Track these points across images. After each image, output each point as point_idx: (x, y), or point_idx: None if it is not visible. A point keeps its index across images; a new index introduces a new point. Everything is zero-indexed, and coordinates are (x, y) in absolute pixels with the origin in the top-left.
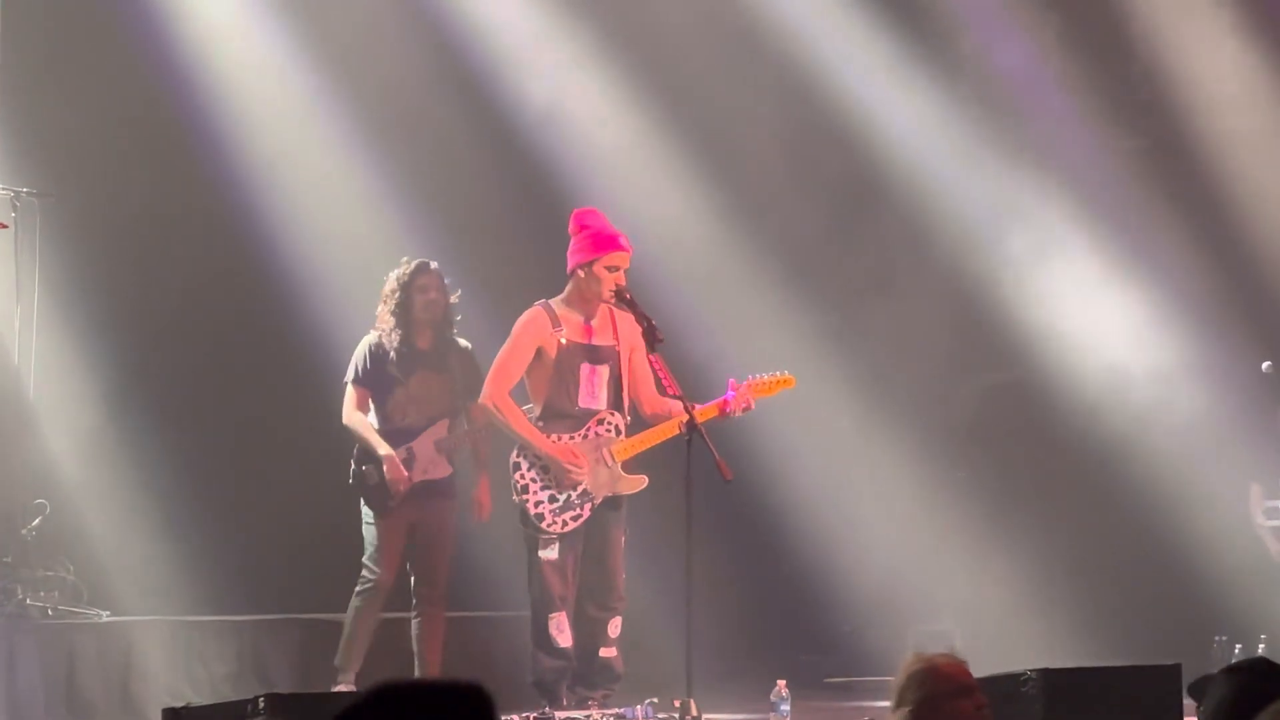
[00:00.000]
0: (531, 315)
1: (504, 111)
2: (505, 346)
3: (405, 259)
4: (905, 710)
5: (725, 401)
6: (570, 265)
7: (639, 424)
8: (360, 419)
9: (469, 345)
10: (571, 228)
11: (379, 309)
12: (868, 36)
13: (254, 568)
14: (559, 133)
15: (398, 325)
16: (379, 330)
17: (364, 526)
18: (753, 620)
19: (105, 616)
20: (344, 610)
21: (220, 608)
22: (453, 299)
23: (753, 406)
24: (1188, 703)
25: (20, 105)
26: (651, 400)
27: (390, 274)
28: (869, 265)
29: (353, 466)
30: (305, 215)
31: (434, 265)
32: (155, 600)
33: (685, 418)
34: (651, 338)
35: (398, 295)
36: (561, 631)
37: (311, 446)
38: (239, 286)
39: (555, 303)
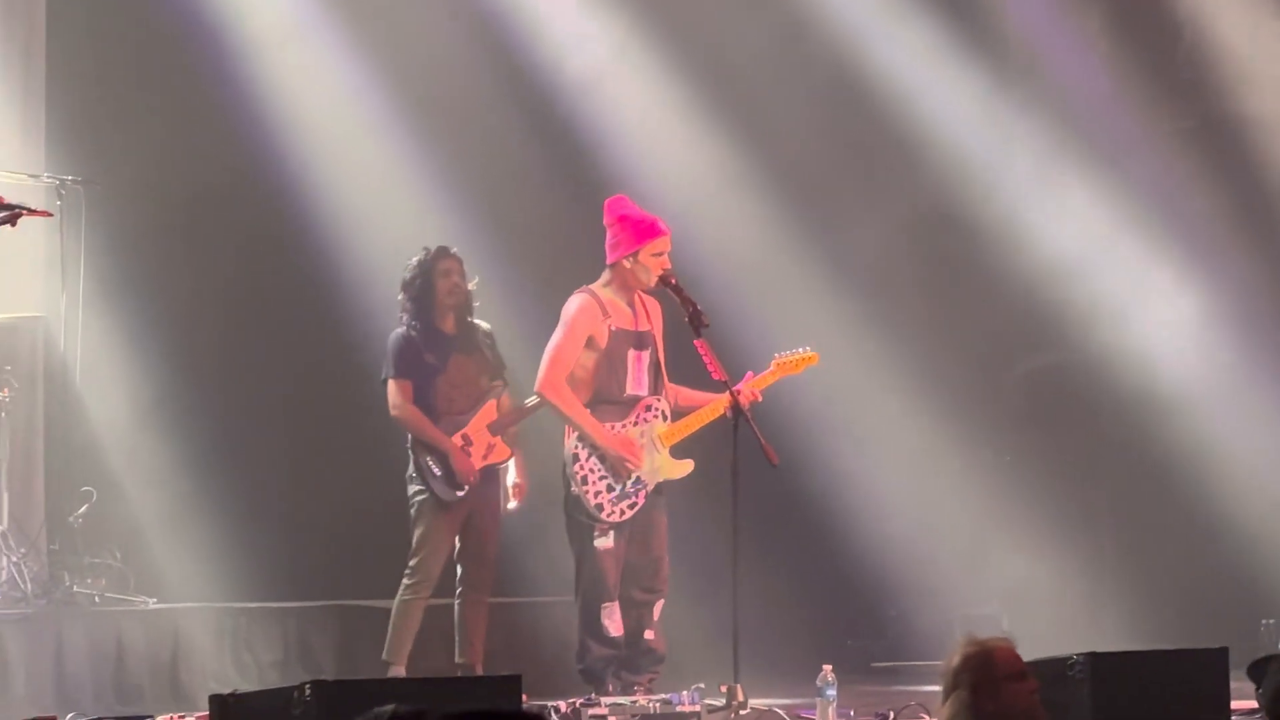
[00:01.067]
0: (584, 303)
1: (540, 94)
2: (560, 334)
3: (424, 247)
4: (962, 693)
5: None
6: (613, 256)
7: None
8: (413, 412)
9: (489, 327)
10: (607, 218)
11: (400, 298)
12: (912, 17)
13: (299, 554)
14: (593, 116)
15: (421, 312)
16: (404, 320)
17: (416, 520)
18: (799, 605)
19: (152, 603)
20: (388, 596)
21: (266, 594)
22: (471, 285)
23: (759, 399)
24: (1235, 686)
25: (65, 94)
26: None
27: (410, 261)
28: (914, 249)
29: (412, 459)
30: (350, 201)
31: (454, 250)
32: (201, 587)
33: (725, 399)
34: (697, 322)
35: (419, 281)
36: (613, 620)
37: (356, 433)
38: (284, 272)
39: (598, 289)
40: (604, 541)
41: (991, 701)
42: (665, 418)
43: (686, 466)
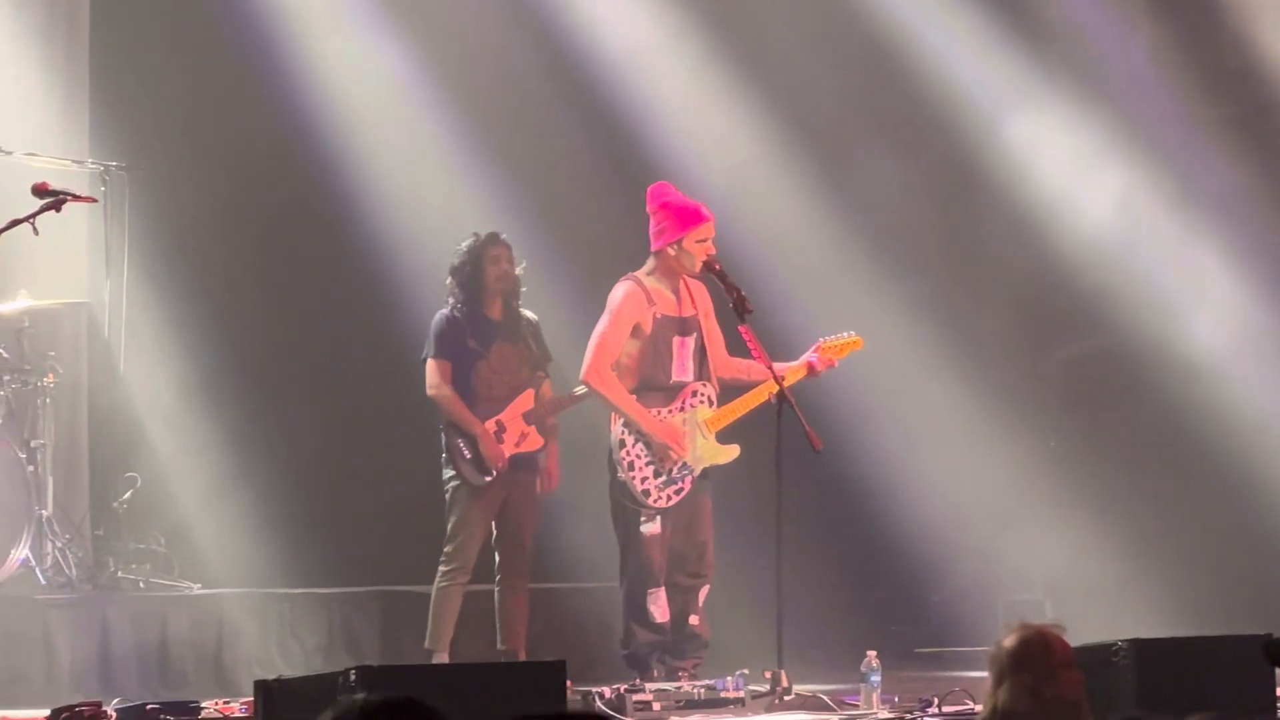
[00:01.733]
0: (630, 291)
1: (585, 78)
2: (606, 322)
3: (474, 232)
4: (1025, 677)
5: (810, 364)
6: (658, 244)
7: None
8: (449, 394)
9: (536, 318)
10: (650, 206)
11: (448, 282)
12: (955, 1)
13: (343, 540)
14: (637, 101)
15: (469, 297)
16: (451, 304)
17: (451, 506)
18: (842, 591)
19: (196, 589)
20: (426, 582)
21: (310, 580)
22: (518, 270)
23: (835, 364)
24: None
25: (110, 80)
26: (725, 363)
27: (459, 246)
28: (959, 233)
29: (444, 441)
30: (393, 185)
31: (503, 236)
32: (245, 573)
33: (766, 380)
34: (741, 308)
35: (469, 267)
36: (659, 606)
37: (401, 417)
38: (328, 256)
39: (643, 277)
40: (650, 527)
41: (1051, 687)
42: (710, 403)
43: (732, 452)
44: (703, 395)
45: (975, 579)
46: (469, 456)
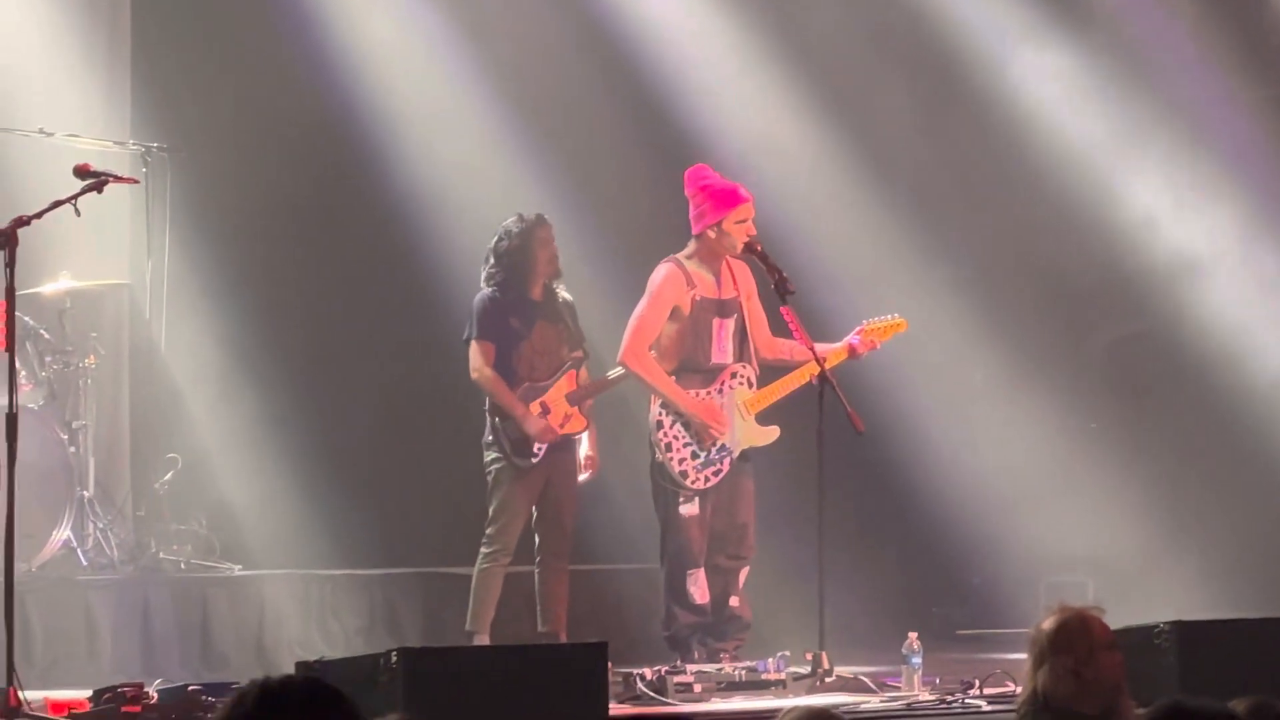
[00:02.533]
0: (670, 273)
1: (625, 60)
2: (645, 304)
3: (519, 213)
4: (1066, 659)
5: (852, 346)
6: (698, 227)
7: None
8: (492, 376)
9: (571, 297)
10: (688, 189)
11: (489, 261)
12: None
13: (384, 521)
14: (678, 83)
15: (515, 278)
16: (492, 285)
17: (493, 488)
18: (884, 573)
19: (237, 570)
20: (467, 564)
21: (351, 562)
22: None
23: (878, 346)
24: None
25: (151, 61)
26: (768, 344)
27: (504, 226)
28: (1000, 217)
29: (489, 422)
30: (435, 166)
31: (548, 219)
32: (286, 554)
33: (809, 361)
34: (783, 289)
35: (519, 250)
36: (699, 587)
37: (442, 399)
38: (370, 238)
39: (683, 259)
40: (689, 508)
41: (1091, 669)
42: (750, 385)
43: (772, 433)
44: (742, 377)
45: (1017, 561)
46: (513, 439)
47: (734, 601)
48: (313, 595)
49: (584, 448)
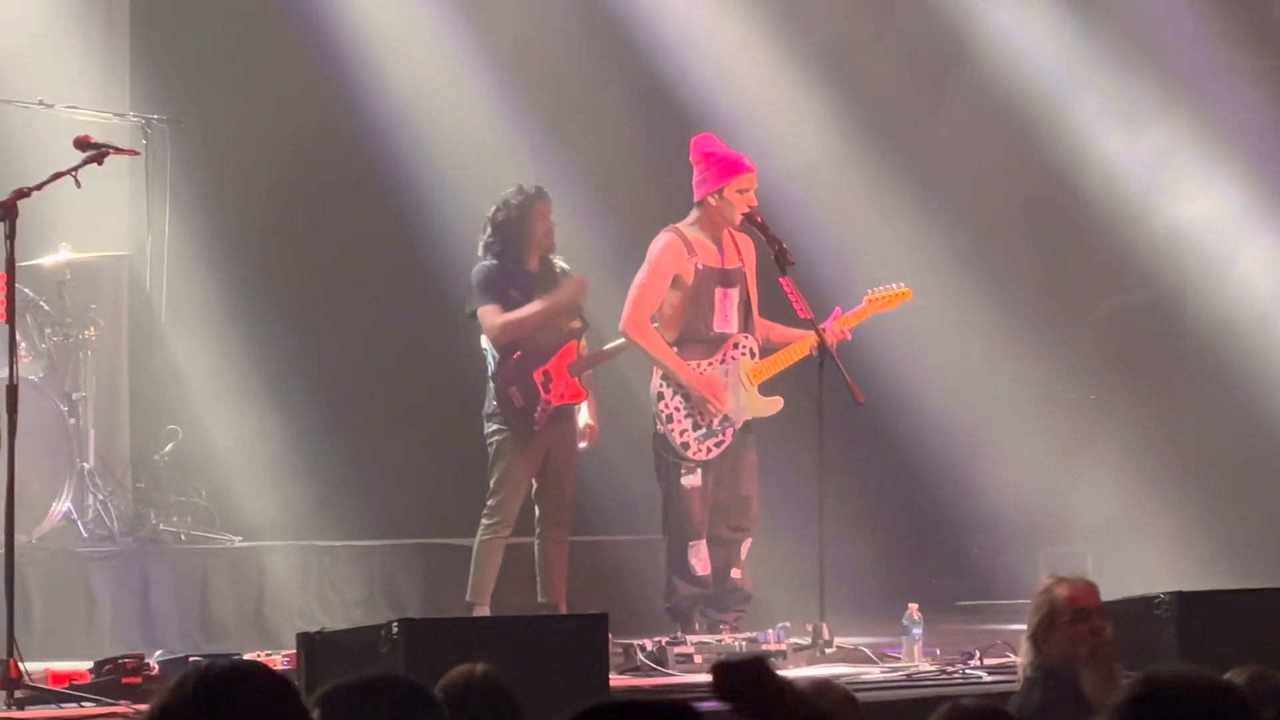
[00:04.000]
0: (670, 242)
1: (625, 29)
2: (645, 273)
3: (518, 185)
4: (1059, 630)
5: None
6: (699, 194)
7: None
8: (511, 315)
9: (567, 266)
10: (693, 155)
11: (485, 232)
12: None
13: (383, 492)
14: (679, 52)
15: (511, 250)
16: (491, 255)
17: (495, 459)
18: (884, 544)
19: (237, 541)
20: (468, 535)
21: (350, 533)
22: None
23: (848, 338)
24: None
25: (151, 32)
26: (759, 326)
27: (502, 197)
28: (1001, 185)
29: (493, 390)
30: (435, 135)
31: (546, 190)
32: (286, 525)
33: (813, 340)
34: (783, 260)
35: (517, 221)
36: (700, 559)
37: (442, 370)
38: (369, 209)
39: (685, 228)
40: (691, 480)
41: (1052, 640)
42: (753, 355)
43: (775, 404)
44: (745, 347)
45: (1016, 532)
46: (520, 405)
47: (735, 573)
48: (312, 566)
49: (584, 417)
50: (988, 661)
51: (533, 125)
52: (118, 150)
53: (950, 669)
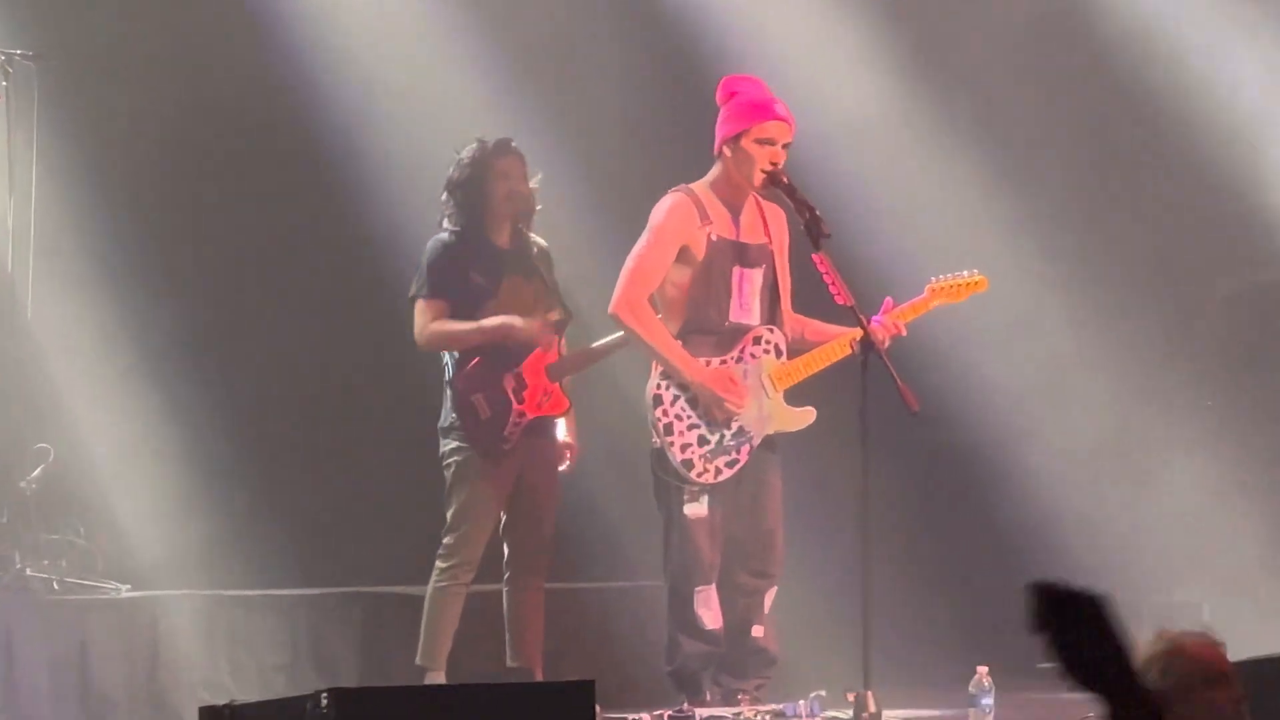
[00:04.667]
0: (676, 203)
1: None
2: (644, 242)
3: (479, 138)
4: (1167, 697)
5: (871, 324)
6: (716, 143)
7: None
8: (444, 326)
9: (545, 244)
10: (720, 96)
11: (443, 199)
12: None
13: (312, 530)
14: None
15: (470, 220)
16: (449, 229)
17: (453, 485)
18: (944, 591)
19: (125, 591)
20: (418, 583)
21: (269, 579)
22: (532, 184)
23: (903, 333)
24: None
25: None
26: (790, 321)
27: (459, 154)
28: (1097, 145)
29: (449, 400)
30: (383, 73)
31: (515, 144)
32: (187, 570)
33: (855, 334)
34: (815, 231)
35: (471, 182)
36: (709, 609)
37: (383, 379)
38: (297, 168)
39: (699, 188)
40: (695, 508)
41: (1184, 708)
42: (779, 353)
43: (806, 416)
44: (769, 343)
45: (1113, 574)
46: (486, 417)
47: (757, 631)
48: (220, 622)
49: (560, 433)
50: None
51: (504, 66)
52: None
53: None
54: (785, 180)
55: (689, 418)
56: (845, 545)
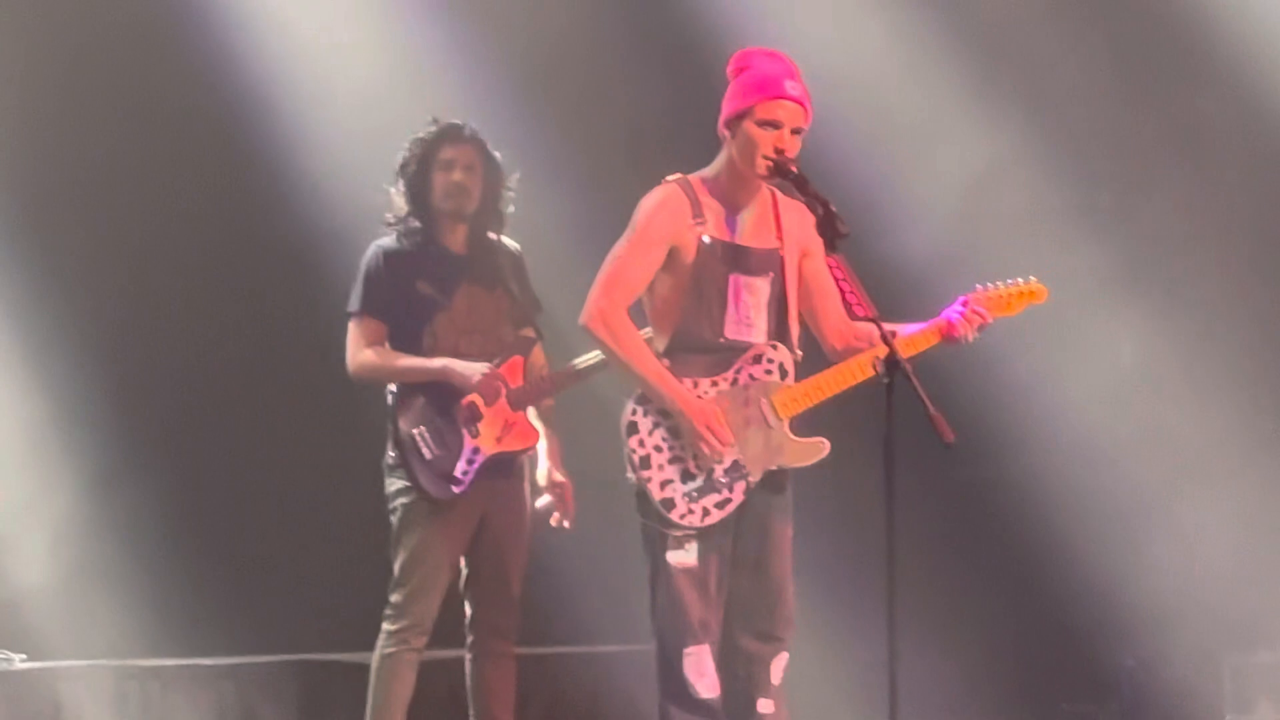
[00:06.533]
0: (665, 196)
1: None
2: (625, 242)
3: (433, 118)
4: None
5: (949, 324)
6: (719, 124)
7: (821, 362)
8: (380, 352)
9: (518, 248)
10: (730, 70)
11: (391, 191)
12: None
13: (238, 587)
14: None
15: (420, 218)
16: (396, 230)
17: (400, 534)
18: (990, 653)
19: (19, 661)
20: (361, 649)
21: (190, 647)
22: (510, 183)
23: (989, 321)
24: None
25: None
26: (841, 329)
27: (408, 141)
28: (1170, 133)
29: (392, 436)
30: (334, 80)
31: (470, 130)
32: (92, 638)
33: (881, 350)
34: (830, 229)
35: (413, 172)
36: (702, 675)
37: (323, 417)
38: (226, 153)
39: (697, 180)
40: (680, 556)
41: None
42: (785, 374)
43: (817, 449)
44: (772, 363)
45: (1189, 633)
46: (432, 456)
47: (764, 706)
48: (133, 698)
49: (541, 469)
50: None
51: (473, 47)
52: None
53: None
54: (793, 170)
55: (669, 450)
56: (868, 599)
